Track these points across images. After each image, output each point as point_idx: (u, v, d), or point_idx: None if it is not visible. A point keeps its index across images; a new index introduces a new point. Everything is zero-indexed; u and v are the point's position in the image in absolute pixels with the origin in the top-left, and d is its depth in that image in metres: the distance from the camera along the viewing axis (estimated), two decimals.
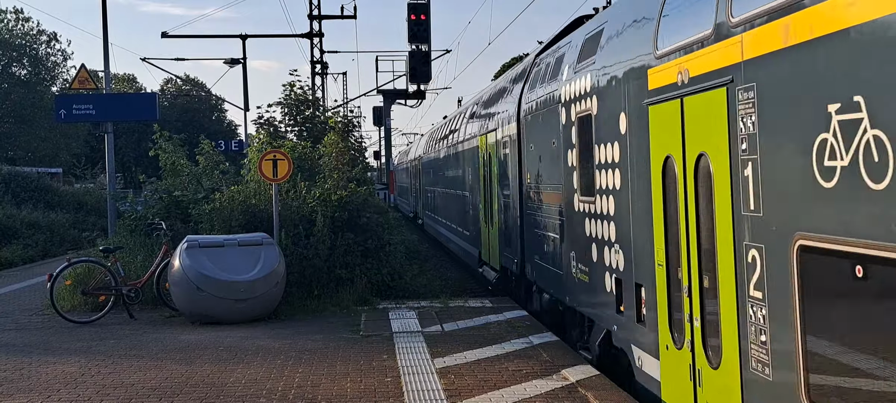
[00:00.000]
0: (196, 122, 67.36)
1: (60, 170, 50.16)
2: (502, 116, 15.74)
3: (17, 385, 9.43)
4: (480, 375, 9.41)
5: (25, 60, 58.45)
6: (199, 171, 17.85)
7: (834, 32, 4.66)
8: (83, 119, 23.11)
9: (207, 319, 12.96)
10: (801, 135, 4.96)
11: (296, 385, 9.13)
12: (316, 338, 11.73)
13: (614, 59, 8.76)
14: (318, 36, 34.85)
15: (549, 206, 12.07)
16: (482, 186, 18.04)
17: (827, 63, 4.75)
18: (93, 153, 56.62)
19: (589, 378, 9.10)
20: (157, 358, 10.66)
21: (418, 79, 27.52)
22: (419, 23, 25.59)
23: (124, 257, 15.06)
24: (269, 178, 14.61)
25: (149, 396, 8.85)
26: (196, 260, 12.91)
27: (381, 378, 9.38)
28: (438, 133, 30.08)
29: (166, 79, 79.89)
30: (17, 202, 28.85)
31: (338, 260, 14.88)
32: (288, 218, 15.01)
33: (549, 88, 11.90)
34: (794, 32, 5.03)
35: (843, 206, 4.59)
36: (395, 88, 33.05)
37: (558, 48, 12.29)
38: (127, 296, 13.72)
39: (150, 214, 16.99)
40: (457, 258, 24.32)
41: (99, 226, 27.29)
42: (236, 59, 37.45)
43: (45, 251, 25.13)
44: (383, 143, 35.52)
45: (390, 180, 33.88)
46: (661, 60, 7.26)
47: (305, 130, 22.27)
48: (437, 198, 28.67)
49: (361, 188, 16.54)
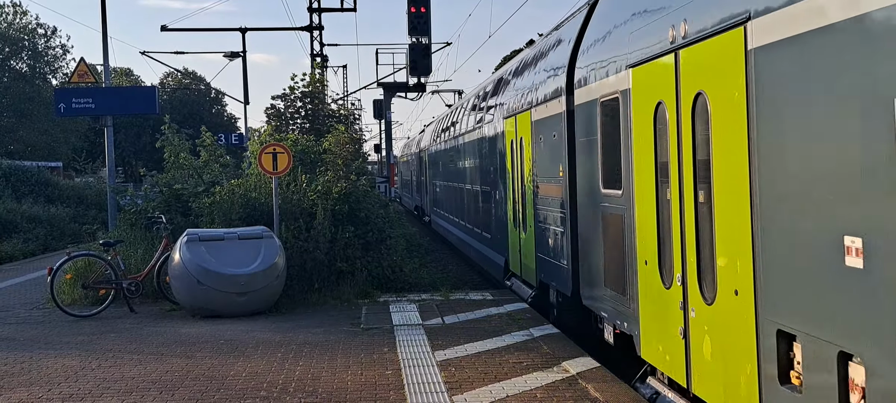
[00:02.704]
0: (196, 116, 67.30)
1: (61, 164, 50.18)
2: (542, 91, 12.33)
3: (18, 379, 9.42)
4: (481, 367, 9.41)
5: (24, 54, 58.41)
6: (200, 165, 17.84)
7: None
8: (82, 113, 23.12)
9: (208, 312, 12.96)
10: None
11: (296, 378, 9.13)
12: (316, 331, 11.73)
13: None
14: (318, 29, 34.80)
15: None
16: (510, 180, 14.73)
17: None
18: (92, 147, 56.65)
19: (589, 370, 9.09)
20: (158, 352, 10.66)
21: (418, 72, 27.53)
22: (419, 15, 25.57)
23: (125, 251, 15.06)
24: (269, 171, 14.61)
25: (149, 389, 8.84)
26: (196, 254, 12.90)
27: (382, 371, 9.37)
28: (450, 118, 25.55)
29: (166, 73, 79.89)
30: (18, 196, 28.85)
31: (338, 253, 14.87)
32: (288, 211, 15.00)
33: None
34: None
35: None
36: (396, 81, 33.03)
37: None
38: (127, 290, 13.71)
39: (150, 208, 16.98)
40: (472, 262, 20.98)
41: (99, 220, 27.28)
42: (236, 53, 37.45)
43: (46, 245, 25.14)
44: (384, 136, 35.46)
45: (391, 173, 33.83)
46: None
47: (308, 122, 22.27)
48: (448, 194, 25.05)
49: (362, 179, 16.54)
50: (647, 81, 7.65)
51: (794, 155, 5.18)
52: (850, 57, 4.54)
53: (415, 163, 40.38)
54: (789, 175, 5.23)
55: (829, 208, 4.82)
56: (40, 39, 59.38)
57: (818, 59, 4.84)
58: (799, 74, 5.06)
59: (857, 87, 4.52)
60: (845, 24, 4.58)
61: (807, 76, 4.97)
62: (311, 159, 17.56)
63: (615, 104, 8.63)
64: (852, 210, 4.61)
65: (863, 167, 4.49)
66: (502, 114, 15.50)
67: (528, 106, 13.18)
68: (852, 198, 4.61)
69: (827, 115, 4.82)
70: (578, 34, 10.71)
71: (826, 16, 4.74)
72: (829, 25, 4.71)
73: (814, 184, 4.97)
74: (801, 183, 5.10)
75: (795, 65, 5.07)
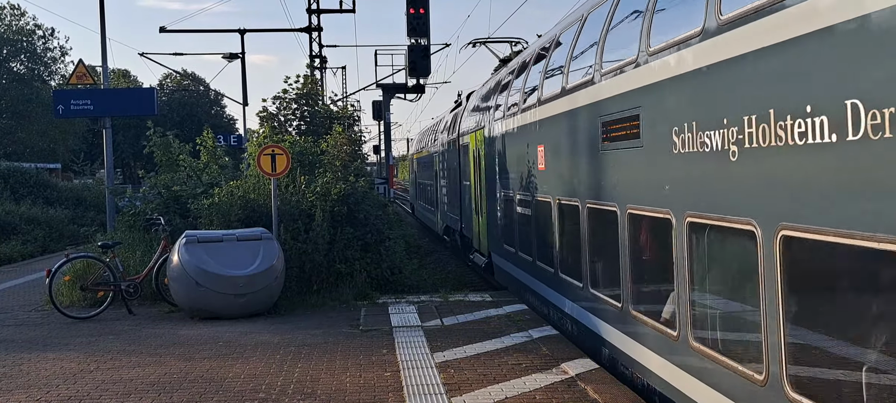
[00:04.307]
0: (195, 117, 67.32)
1: (59, 166, 50.17)
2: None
3: (16, 381, 9.40)
4: (480, 369, 9.39)
5: (23, 56, 58.41)
6: (199, 166, 17.83)
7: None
8: (81, 114, 23.10)
9: (206, 314, 12.94)
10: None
11: (295, 380, 9.11)
12: (315, 333, 11.71)
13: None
14: (317, 30, 34.79)
15: None
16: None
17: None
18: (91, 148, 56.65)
19: (588, 371, 9.08)
20: (156, 354, 10.64)
21: (417, 74, 27.46)
22: (418, 17, 25.52)
23: (123, 252, 15.04)
24: (268, 173, 14.59)
25: (148, 391, 8.83)
26: (195, 255, 12.89)
27: (381, 373, 9.36)
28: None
29: (165, 74, 79.86)
30: (16, 197, 28.83)
31: (337, 254, 14.85)
32: (287, 212, 14.98)
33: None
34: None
35: None
36: (395, 82, 32.98)
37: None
38: (126, 292, 13.69)
39: (148, 209, 16.96)
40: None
41: (98, 222, 27.29)
42: (235, 54, 37.44)
43: (44, 247, 25.10)
44: (383, 137, 35.43)
45: (390, 174, 33.83)
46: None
47: (304, 124, 22.25)
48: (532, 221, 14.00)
49: (360, 180, 16.53)
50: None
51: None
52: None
53: (451, 160, 24.89)
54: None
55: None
56: (39, 41, 59.38)
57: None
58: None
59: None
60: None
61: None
62: (309, 160, 17.55)
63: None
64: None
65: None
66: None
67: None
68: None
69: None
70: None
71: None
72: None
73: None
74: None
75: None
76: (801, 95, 5.11)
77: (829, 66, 4.87)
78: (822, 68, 4.93)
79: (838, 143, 4.71)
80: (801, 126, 5.07)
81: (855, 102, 4.56)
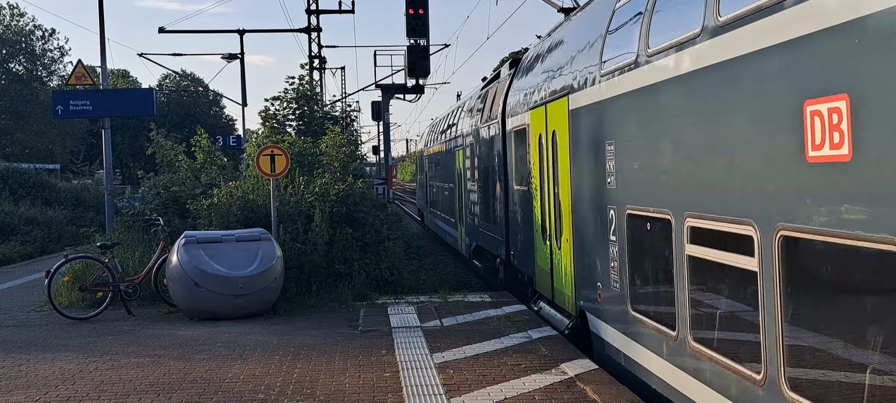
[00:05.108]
0: (194, 117, 67.26)
1: (58, 166, 50.15)
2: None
3: (15, 382, 9.40)
4: (479, 370, 9.39)
5: (22, 56, 58.39)
6: (198, 167, 17.83)
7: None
8: (81, 115, 23.08)
9: (205, 315, 12.94)
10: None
11: (294, 381, 9.11)
12: (314, 334, 11.71)
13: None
14: (316, 31, 34.81)
15: None
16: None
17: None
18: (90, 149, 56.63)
19: (587, 372, 9.08)
20: (155, 354, 10.63)
21: (417, 74, 27.42)
22: (418, 17, 25.50)
23: (122, 253, 15.03)
24: (267, 173, 14.59)
25: (147, 392, 8.82)
26: (194, 256, 12.88)
27: (380, 374, 9.35)
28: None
29: (164, 75, 79.84)
30: (15, 198, 28.80)
31: (336, 255, 14.85)
32: (286, 213, 14.98)
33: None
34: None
35: None
36: (394, 83, 32.97)
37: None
38: (125, 292, 13.68)
39: (147, 210, 16.96)
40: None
41: (97, 222, 27.22)
42: (234, 54, 37.45)
43: (43, 247, 25.09)
44: (382, 138, 35.44)
45: (389, 174, 33.82)
46: None
47: (303, 124, 22.26)
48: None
49: (359, 181, 16.52)
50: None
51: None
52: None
53: (486, 153, 17.96)
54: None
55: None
56: (38, 42, 59.37)
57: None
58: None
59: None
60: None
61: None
62: (308, 161, 17.55)
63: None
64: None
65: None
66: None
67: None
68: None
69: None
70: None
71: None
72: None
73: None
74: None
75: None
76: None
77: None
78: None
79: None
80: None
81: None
